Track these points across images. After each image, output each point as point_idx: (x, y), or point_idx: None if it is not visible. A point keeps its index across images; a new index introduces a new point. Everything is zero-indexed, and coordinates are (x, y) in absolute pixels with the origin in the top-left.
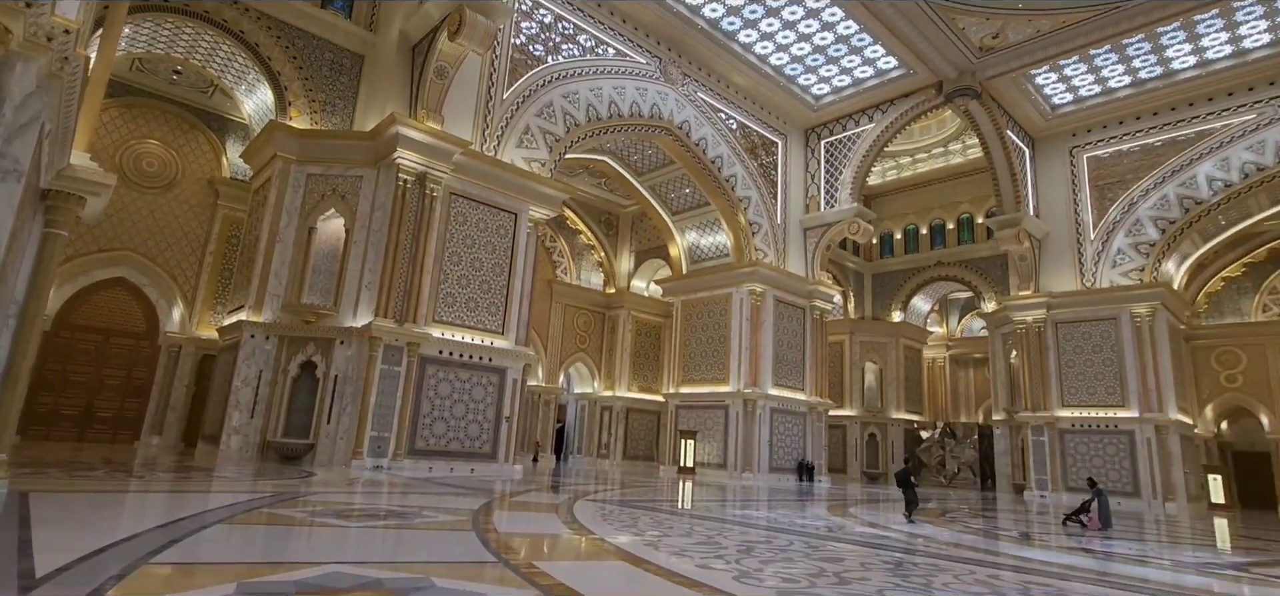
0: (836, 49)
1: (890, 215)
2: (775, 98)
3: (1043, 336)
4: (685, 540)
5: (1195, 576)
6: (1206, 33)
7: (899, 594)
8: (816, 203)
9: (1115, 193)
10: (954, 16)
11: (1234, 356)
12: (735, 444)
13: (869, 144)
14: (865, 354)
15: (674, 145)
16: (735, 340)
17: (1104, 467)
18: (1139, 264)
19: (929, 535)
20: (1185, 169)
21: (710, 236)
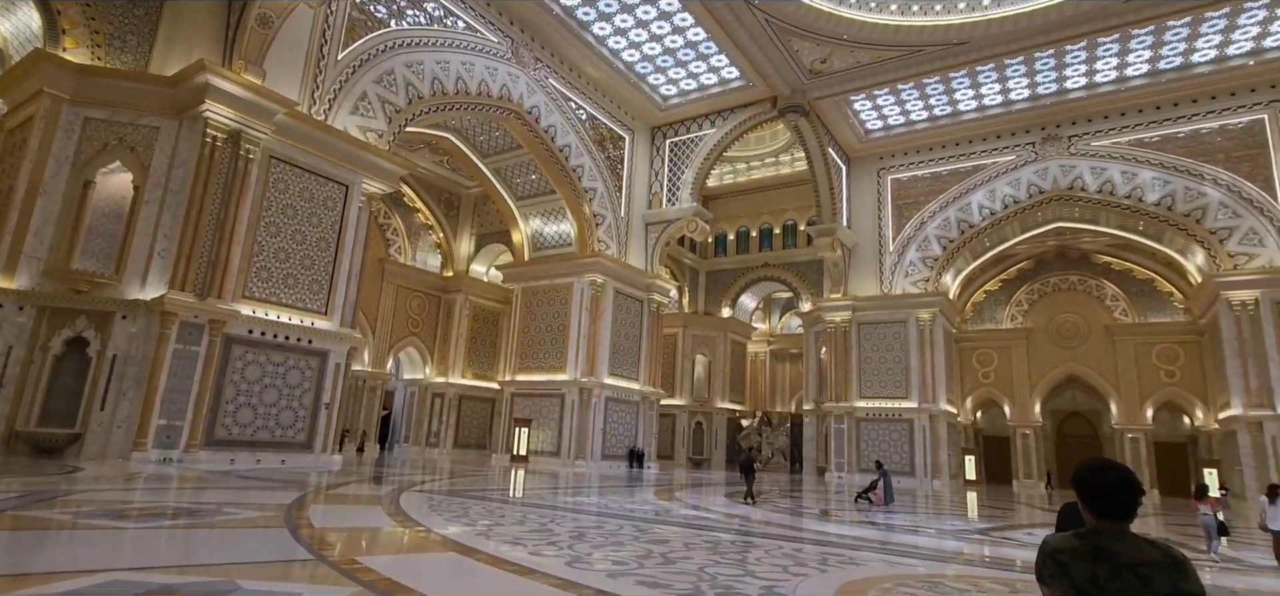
0: (685, 53)
1: (725, 216)
2: (625, 93)
3: (848, 335)
4: (518, 528)
5: (952, 540)
6: (985, 82)
7: (718, 569)
8: (660, 199)
9: (910, 212)
10: (790, 39)
11: (989, 356)
12: (570, 432)
13: (711, 147)
14: (697, 346)
15: (522, 130)
16: (574, 329)
17: (889, 451)
18: (925, 275)
19: (744, 515)
20: (963, 196)
21: (554, 225)
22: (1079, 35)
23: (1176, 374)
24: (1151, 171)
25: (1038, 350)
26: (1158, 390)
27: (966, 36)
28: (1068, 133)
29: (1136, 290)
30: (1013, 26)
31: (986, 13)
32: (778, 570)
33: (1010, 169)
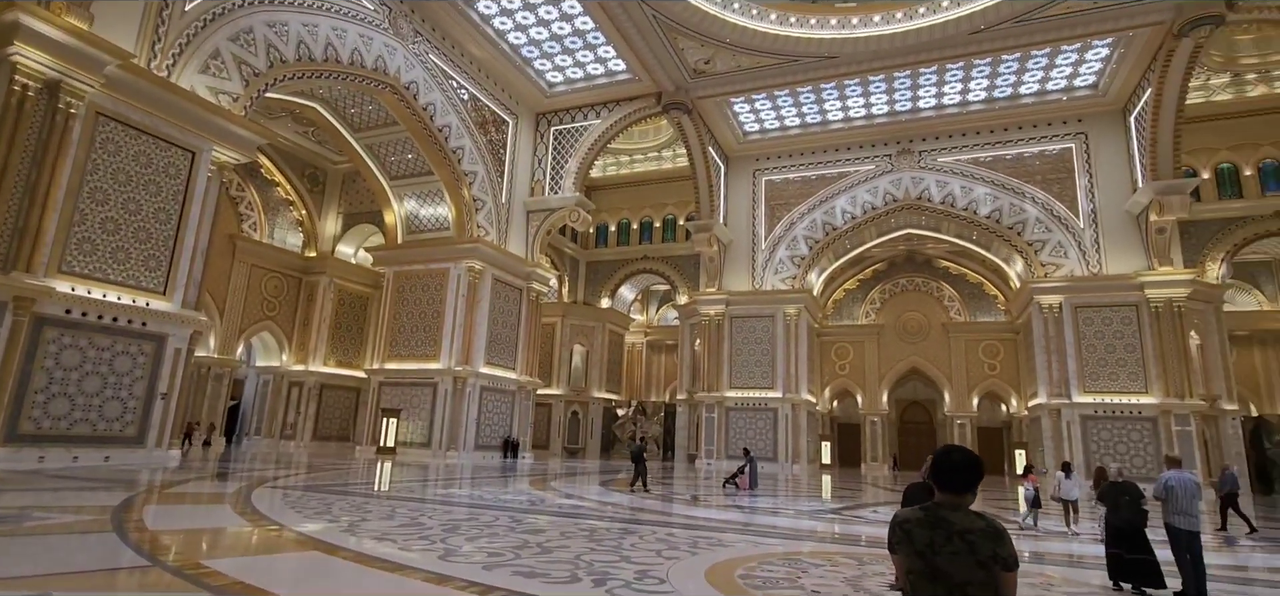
0: (573, 41)
1: (607, 208)
2: (510, 76)
3: (721, 328)
4: (386, 524)
5: (809, 520)
6: (851, 95)
7: (595, 556)
8: (542, 187)
9: (782, 212)
10: (676, 37)
11: (845, 350)
12: (442, 422)
13: (595, 138)
14: (575, 336)
15: (398, 106)
16: (450, 316)
17: (755, 438)
18: (793, 273)
19: (618, 502)
20: (829, 201)
21: (431, 207)
22: (931, 60)
23: (997, 367)
24: (985, 187)
25: (887, 345)
26: (982, 381)
27: (837, 52)
28: (919, 148)
29: (969, 292)
30: (877, 46)
31: (854, 31)
32: (651, 554)
33: (870, 177)
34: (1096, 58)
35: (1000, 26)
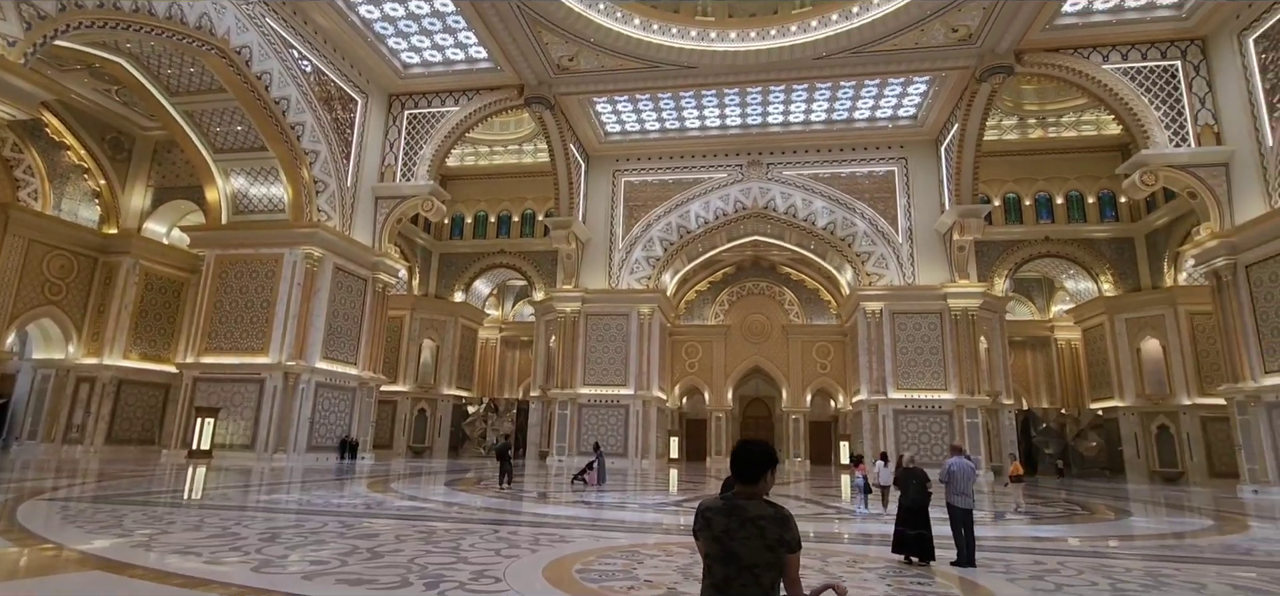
0: (432, 23)
1: (464, 199)
2: (361, 52)
3: (577, 325)
4: (192, 536)
5: (653, 514)
6: (708, 105)
7: (430, 558)
8: (393, 172)
9: (640, 213)
10: (541, 30)
11: (695, 349)
12: (269, 421)
13: (453, 126)
14: (424, 330)
15: (227, 71)
16: (282, 306)
17: (607, 434)
18: (648, 273)
19: (463, 503)
20: (684, 205)
21: (264, 187)
22: (780, 79)
23: (828, 367)
24: (822, 201)
25: (733, 345)
26: (815, 379)
27: (696, 63)
28: (767, 160)
29: (806, 297)
30: (732, 61)
31: (712, 45)
32: (490, 554)
33: (722, 185)
34: (917, 93)
35: (839, 55)
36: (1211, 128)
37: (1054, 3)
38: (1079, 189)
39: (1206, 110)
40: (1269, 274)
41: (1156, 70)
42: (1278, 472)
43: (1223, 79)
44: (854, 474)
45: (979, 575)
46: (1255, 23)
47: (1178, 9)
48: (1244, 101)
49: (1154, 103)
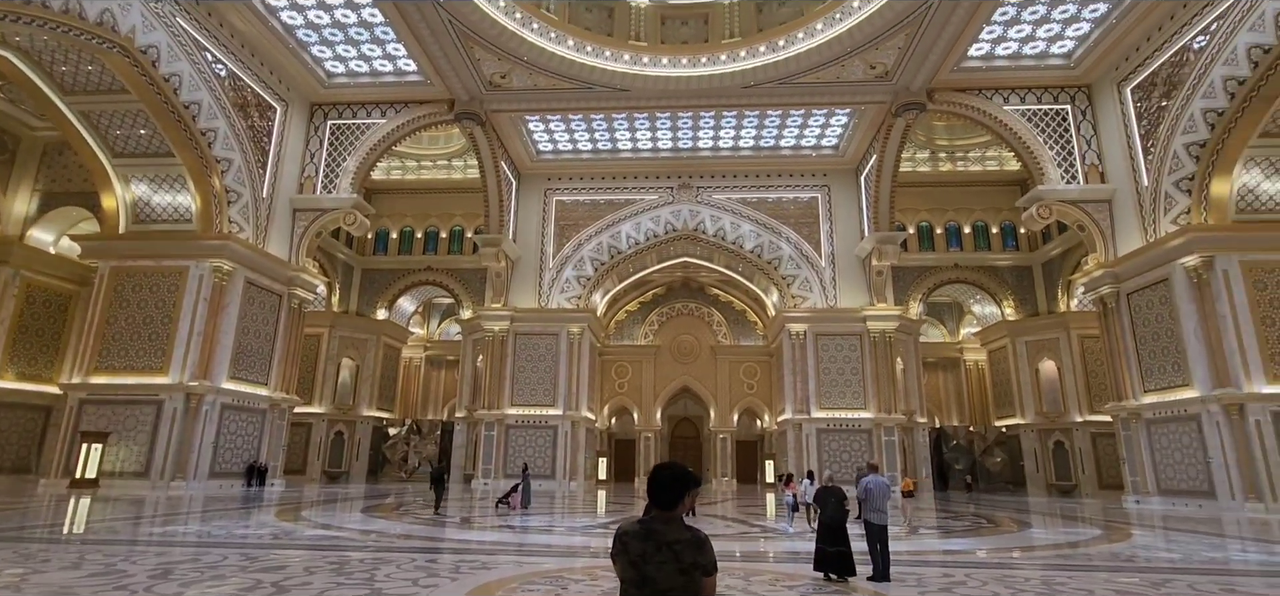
0: (359, 32)
1: (390, 213)
2: (282, 59)
3: (505, 344)
4: (70, 574)
5: (580, 537)
6: (640, 128)
7: (342, 591)
8: (314, 184)
9: (571, 233)
10: (473, 46)
11: (625, 369)
12: (167, 447)
13: (379, 138)
14: (344, 349)
15: (131, 71)
16: (186, 322)
17: (535, 456)
18: (579, 292)
19: (381, 530)
20: (616, 225)
21: (169, 195)
22: (710, 105)
23: (754, 387)
24: (750, 225)
25: (662, 365)
26: (742, 399)
27: (629, 86)
28: (697, 184)
29: (734, 319)
30: (664, 86)
31: (645, 69)
32: (408, 584)
33: (653, 206)
34: (838, 124)
35: (767, 85)
36: (1097, 167)
37: (960, 47)
38: (984, 219)
39: (1092, 151)
40: (1146, 301)
41: (1049, 113)
42: (1156, 484)
43: (1105, 123)
44: (783, 492)
45: (893, 590)
46: (1132, 74)
47: (1067, 58)
48: (1123, 144)
49: (1048, 143)
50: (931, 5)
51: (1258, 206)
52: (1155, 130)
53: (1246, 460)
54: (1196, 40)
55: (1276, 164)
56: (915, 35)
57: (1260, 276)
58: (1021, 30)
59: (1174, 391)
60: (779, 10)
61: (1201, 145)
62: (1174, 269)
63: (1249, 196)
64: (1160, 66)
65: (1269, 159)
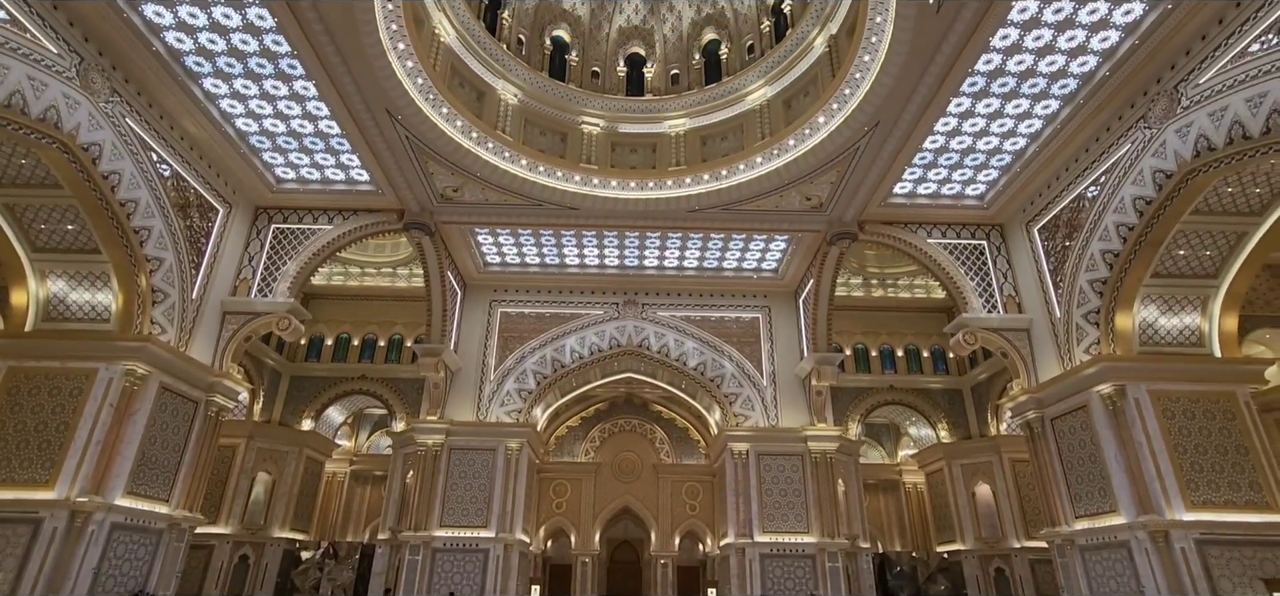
0: (314, 142)
1: (327, 319)
2: (231, 163)
3: (438, 459)
4: None
5: None
6: (588, 245)
7: None
8: (249, 287)
9: (514, 345)
10: (427, 161)
11: (563, 487)
12: (38, 574)
13: (323, 244)
14: (261, 462)
15: (68, 167)
16: (85, 429)
17: (463, 582)
18: (519, 406)
19: None
20: (560, 338)
21: (89, 293)
22: (656, 227)
23: (697, 508)
24: (694, 342)
25: (603, 483)
26: (684, 521)
27: (578, 205)
28: (642, 300)
29: (677, 436)
30: (612, 207)
31: (595, 190)
32: None
33: (598, 321)
34: (778, 249)
35: (710, 210)
36: (1014, 298)
37: (885, 185)
38: (916, 343)
39: (1009, 284)
40: (1069, 427)
41: (969, 247)
42: None
43: (1018, 259)
44: None
45: None
46: (1038, 216)
47: (980, 200)
48: (1036, 278)
49: (969, 274)
50: (858, 149)
51: (1158, 340)
52: (1062, 266)
53: (1177, 589)
54: (1089, 190)
55: (1169, 301)
56: (845, 173)
57: (1168, 406)
58: (939, 173)
59: (1103, 517)
60: (721, 144)
61: (1103, 282)
62: (1091, 396)
63: (1150, 330)
64: (1061, 210)
65: (1162, 297)
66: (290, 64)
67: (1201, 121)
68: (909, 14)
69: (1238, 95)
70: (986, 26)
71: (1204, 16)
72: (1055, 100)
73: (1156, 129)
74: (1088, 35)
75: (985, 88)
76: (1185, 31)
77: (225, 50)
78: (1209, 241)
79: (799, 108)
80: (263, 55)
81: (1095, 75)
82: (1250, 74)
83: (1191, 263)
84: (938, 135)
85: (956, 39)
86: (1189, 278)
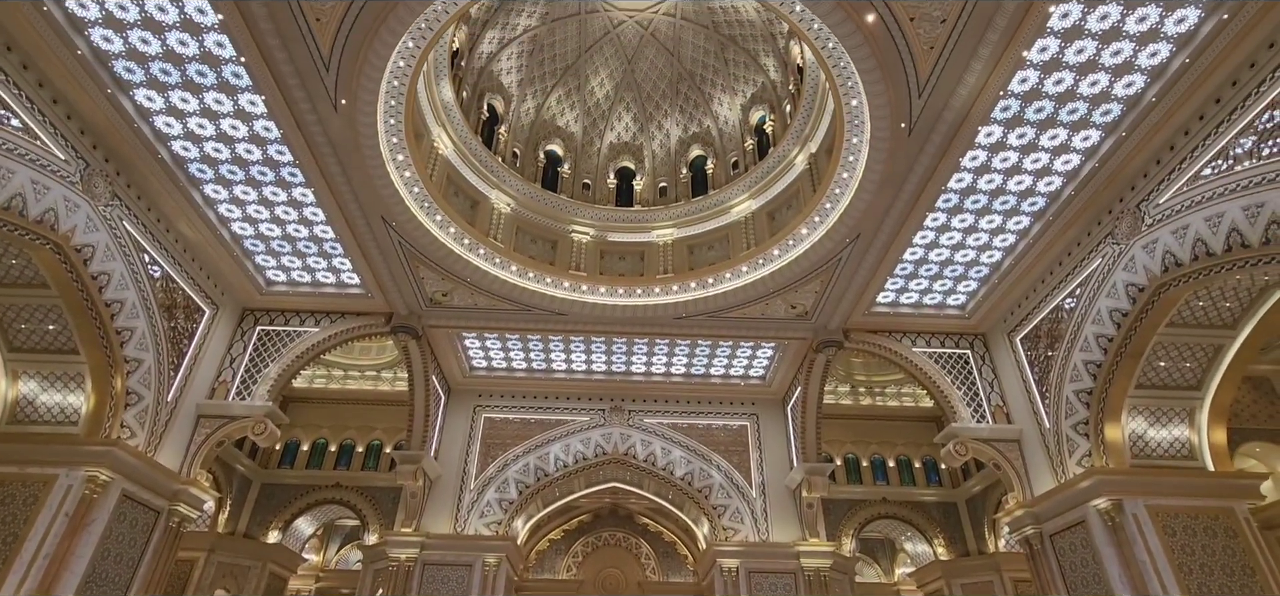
0: (307, 246)
1: (305, 423)
2: (223, 265)
3: (411, 575)
4: None
5: None
6: (576, 350)
7: None
8: (227, 389)
9: (497, 452)
10: (419, 266)
11: None
12: None
13: (309, 347)
14: (220, 578)
15: (59, 268)
16: (33, 543)
17: None
18: (499, 518)
19: None
20: (545, 446)
21: (60, 394)
22: (644, 333)
23: None
24: (681, 451)
25: None
26: None
27: (566, 310)
28: (629, 407)
29: (664, 551)
30: (600, 313)
31: (583, 297)
32: None
33: (584, 428)
34: (765, 356)
35: (697, 317)
36: (1002, 408)
37: (868, 294)
38: (907, 454)
39: (996, 393)
40: (1069, 543)
41: (954, 356)
42: None
43: (1003, 368)
44: None
45: None
46: (1018, 326)
47: (962, 310)
48: (1021, 388)
49: (956, 383)
50: (841, 259)
51: (1150, 452)
52: (1047, 376)
53: None
54: (1067, 301)
55: (1157, 413)
56: (829, 282)
57: (1168, 522)
58: (920, 283)
59: None
60: (708, 252)
61: (1089, 393)
62: (1088, 511)
63: (1140, 442)
64: (1041, 321)
65: (1149, 408)
66: (292, 172)
67: (1166, 239)
68: (883, 136)
69: (1197, 214)
70: (956, 148)
71: (1156, 143)
72: (1026, 216)
73: (1124, 245)
74: (1051, 158)
75: (959, 204)
76: (1141, 156)
77: (229, 158)
78: (1188, 354)
79: (782, 219)
80: (265, 163)
81: (1062, 194)
82: (1206, 195)
83: (1174, 374)
84: (917, 247)
85: (929, 159)
86: (1173, 389)
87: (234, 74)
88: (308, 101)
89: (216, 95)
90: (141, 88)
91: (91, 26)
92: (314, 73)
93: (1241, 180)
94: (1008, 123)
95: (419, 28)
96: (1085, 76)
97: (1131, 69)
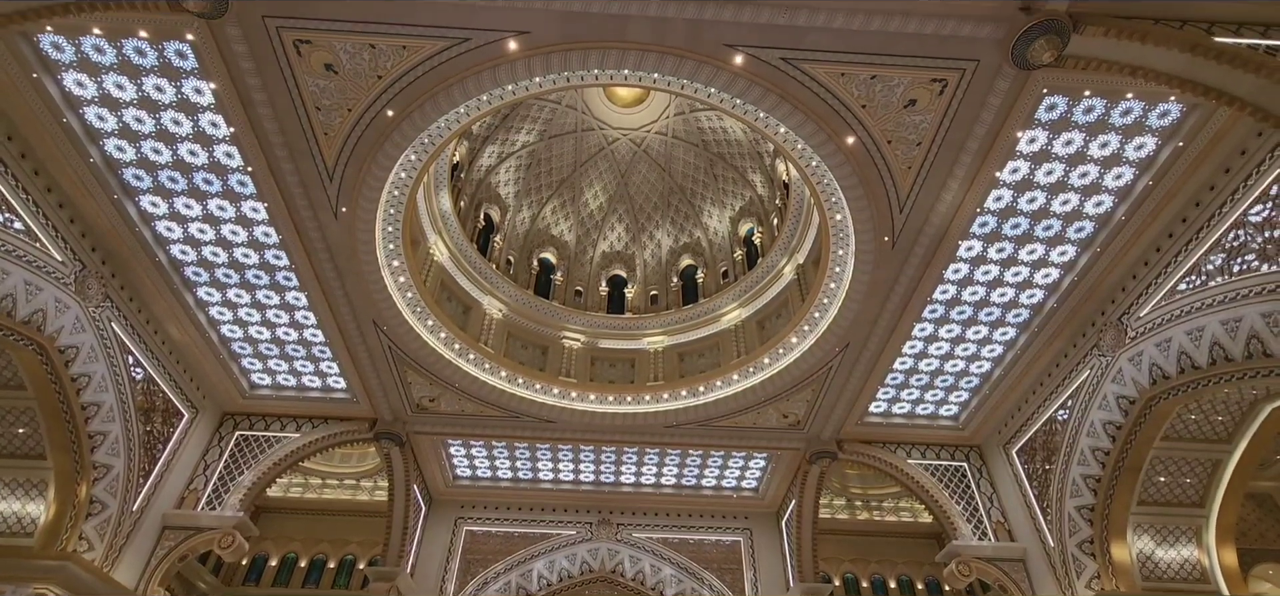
0: (296, 349)
1: (277, 535)
2: (208, 368)
3: None
4: None
5: None
6: (563, 460)
7: None
8: (197, 498)
9: (477, 568)
10: (407, 370)
11: None
12: None
13: (287, 452)
14: None
15: (39, 369)
16: None
17: None
18: None
19: None
20: (529, 562)
21: (19, 503)
22: (634, 442)
23: None
24: (671, 568)
25: None
26: None
27: (555, 418)
28: (617, 520)
29: None
30: (589, 421)
31: (572, 403)
32: None
33: (570, 543)
34: (757, 467)
35: (688, 425)
36: (1002, 524)
37: (860, 404)
38: (908, 573)
39: (996, 508)
40: None
41: (950, 469)
42: None
43: (1001, 482)
44: None
45: None
46: (1013, 438)
47: (955, 420)
48: (1021, 503)
49: (954, 497)
50: (831, 368)
51: (1160, 574)
52: (1047, 491)
53: None
54: (1060, 413)
55: (1162, 532)
56: (820, 391)
57: None
58: (912, 394)
59: None
60: (698, 360)
61: (1090, 509)
62: None
63: (1150, 563)
64: (1036, 433)
65: (1154, 526)
66: (287, 276)
67: (1151, 351)
68: (868, 248)
69: (1177, 328)
70: (939, 261)
71: (1131, 258)
72: (1012, 327)
73: (1111, 356)
74: (1031, 271)
75: (945, 315)
76: (1118, 270)
77: (226, 262)
78: (1186, 468)
79: (772, 328)
80: (262, 267)
81: (1045, 306)
82: (1184, 309)
83: (1175, 490)
84: (906, 357)
85: (913, 271)
86: (1176, 506)
87: (239, 182)
88: (309, 209)
89: (220, 201)
90: (147, 194)
91: (106, 137)
92: (318, 183)
93: (1216, 296)
94: (987, 237)
95: (422, 142)
96: (1057, 195)
97: (1099, 189)
